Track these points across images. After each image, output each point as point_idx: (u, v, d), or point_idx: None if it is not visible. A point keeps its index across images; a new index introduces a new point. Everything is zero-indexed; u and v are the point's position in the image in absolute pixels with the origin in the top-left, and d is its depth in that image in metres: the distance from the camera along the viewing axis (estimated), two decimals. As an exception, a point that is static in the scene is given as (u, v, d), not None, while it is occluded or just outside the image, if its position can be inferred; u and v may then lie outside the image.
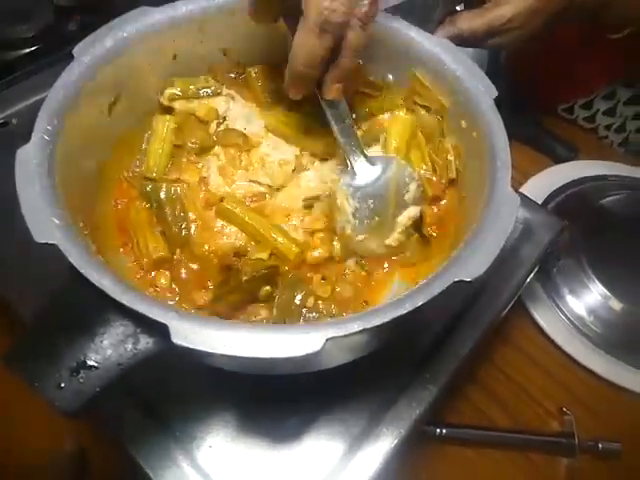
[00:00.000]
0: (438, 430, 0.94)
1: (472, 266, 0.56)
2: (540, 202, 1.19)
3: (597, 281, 1.10)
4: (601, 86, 1.43)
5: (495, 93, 0.73)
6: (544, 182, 1.28)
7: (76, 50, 0.69)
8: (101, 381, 0.50)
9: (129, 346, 0.51)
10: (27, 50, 1.16)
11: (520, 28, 0.91)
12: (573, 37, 1.28)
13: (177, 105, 0.82)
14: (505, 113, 0.71)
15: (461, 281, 0.55)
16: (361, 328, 0.51)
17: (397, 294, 0.73)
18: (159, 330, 0.49)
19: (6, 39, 1.16)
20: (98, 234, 0.68)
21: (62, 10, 1.22)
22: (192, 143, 0.80)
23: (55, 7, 1.22)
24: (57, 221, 0.54)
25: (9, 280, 0.84)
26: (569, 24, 1.09)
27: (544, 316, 1.10)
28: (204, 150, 0.81)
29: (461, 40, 0.90)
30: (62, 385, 0.49)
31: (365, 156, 0.76)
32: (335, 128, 0.75)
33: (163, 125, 0.80)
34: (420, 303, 0.53)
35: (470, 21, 0.90)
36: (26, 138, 0.60)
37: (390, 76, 0.85)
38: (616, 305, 1.08)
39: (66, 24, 1.22)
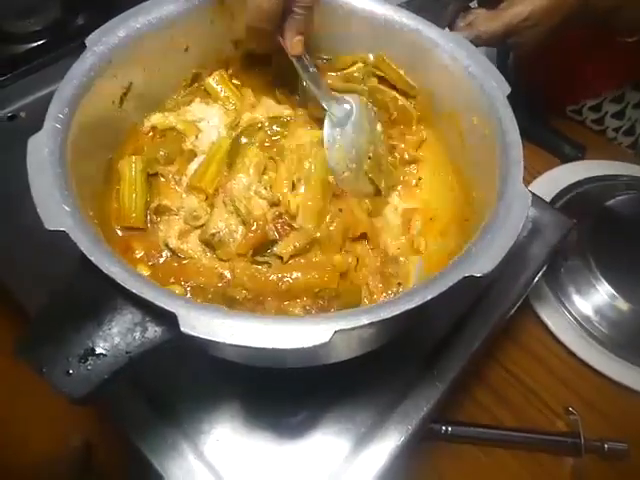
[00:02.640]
0: (444, 428, 0.94)
1: (482, 262, 0.56)
2: (548, 201, 1.18)
3: (604, 281, 1.09)
4: (610, 88, 1.43)
5: (508, 90, 0.73)
6: (552, 181, 1.28)
7: (89, 40, 0.69)
8: (109, 368, 0.50)
9: (137, 334, 0.51)
10: (35, 44, 1.16)
11: (537, 26, 0.92)
12: (583, 38, 1.27)
13: (154, 120, 0.81)
14: (513, 112, 0.71)
15: (471, 277, 0.54)
16: (369, 321, 0.51)
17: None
18: (167, 319, 0.49)
19: (14, 33, 1.17)
20: (107, 226, 0.69)
21: (70, 4, 1.23)
22: (162, 154, 0.79)
23: (63, 1, 1.22)
24: (68, 209, 0.54)
25: (13, 270, 0.85)
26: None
27: (551, 316, 1.09)
28: (170, 160, 0.79)
29: (482, 42, 0.90)
30: (70, 372, 0.49)
31: (334, 98, 0.81)
32: (305, 77, 0.79)
33: (130, 168, 0.75)
34: (429, 297, 0.53)
35: (488, 23, 0.91)
36: (35, 131, 0.60)
37: (401, 71, 0.85)
38: (623, 305, 1.07)
39: (74, 18, 1.23)
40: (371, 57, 0.86)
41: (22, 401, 0.91)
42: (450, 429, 0.94)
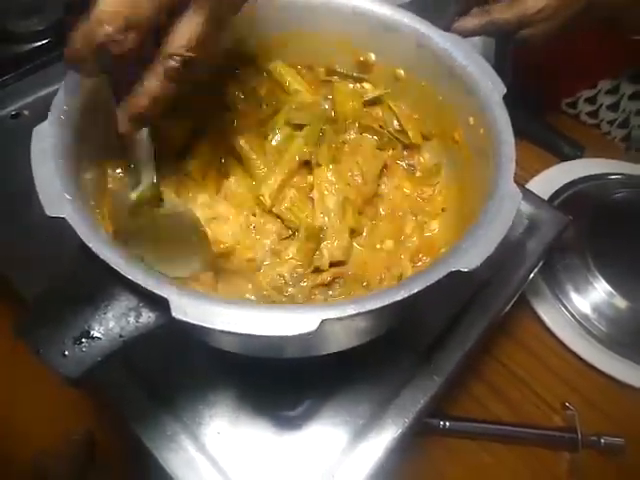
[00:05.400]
0: (441, 423, 0.94)
1: (470, 257, 0.56)
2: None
3: (602, 279, 1.10)
4: (608, 76, 1.45)
5: (504, 90, 0.73)
6: (549, 179, 1.28)
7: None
8: (103, 351, 0.51)
9: (131, 319, 0.52)
10: (39, 43, 1.17)
11: (551, 19, 0.95)
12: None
13: None
14: (511, 111, 0.71)
15: (458, 271, 0.55)
16: (356, 312, 0.51)
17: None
18: (161, 305, 0.50)
19: (18, 32, 1.17)
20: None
21: (73, 4, 1.23)
22: None
23: (66, 1, 1.22)
24: (69, 197, 0.55)
25: (16, 267, 0.85)
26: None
27: (548, 313, 1.10)
28: None
29: (495, 29, 0.94)
30: (66, 353, 0.50)
31: None
32: None
33: None
34: (415, 290, 0.53)
35: (504, 10, 0.95)
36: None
37: (402, 72, 0.86)
38: (620, 303, 1.08)
39: (77, 18, 1.23)
40: (373, 57, 0.87)
41: (24, 399, 0.92)
42: (448, 424, 0.95)
